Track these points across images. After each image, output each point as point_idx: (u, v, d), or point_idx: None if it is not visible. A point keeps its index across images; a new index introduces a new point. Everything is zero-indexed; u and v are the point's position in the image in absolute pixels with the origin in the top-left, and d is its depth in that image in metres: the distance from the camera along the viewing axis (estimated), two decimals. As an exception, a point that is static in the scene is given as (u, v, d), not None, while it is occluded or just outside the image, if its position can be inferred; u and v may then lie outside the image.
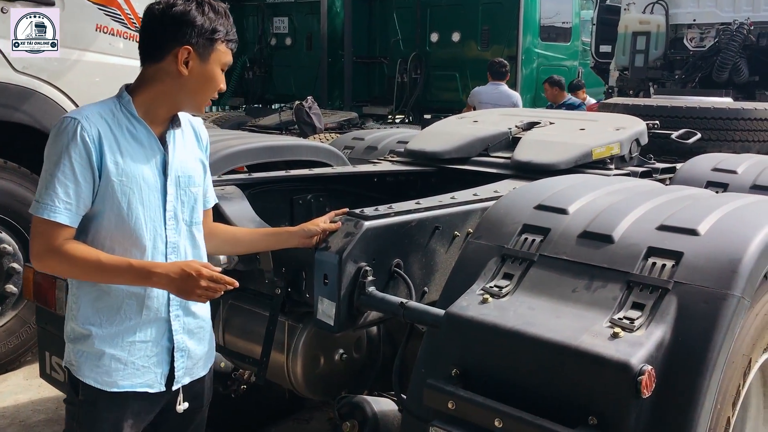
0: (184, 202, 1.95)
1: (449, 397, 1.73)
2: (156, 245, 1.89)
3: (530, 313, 1.75)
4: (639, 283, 1.73)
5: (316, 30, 12.20)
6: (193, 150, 2.02)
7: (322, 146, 3.63)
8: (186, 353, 1.97)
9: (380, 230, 2.14)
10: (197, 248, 2.01)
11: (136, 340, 1.88)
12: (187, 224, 1.97)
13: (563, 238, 1.92)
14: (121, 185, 1.82)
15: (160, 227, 1.89)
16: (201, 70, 1.86)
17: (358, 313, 2.09)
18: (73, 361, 1.91)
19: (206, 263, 1.84)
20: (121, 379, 1.88)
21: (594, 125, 3.49)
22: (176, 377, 1.95)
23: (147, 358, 1.90)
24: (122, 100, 1.87)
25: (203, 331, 2.04)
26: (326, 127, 8.27)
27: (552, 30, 11.45)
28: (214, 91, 1.92)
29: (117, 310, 1.87)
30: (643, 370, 1.53)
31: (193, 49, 1.83)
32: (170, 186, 1.91)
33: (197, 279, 1.75)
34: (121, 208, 1.83)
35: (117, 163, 1.82)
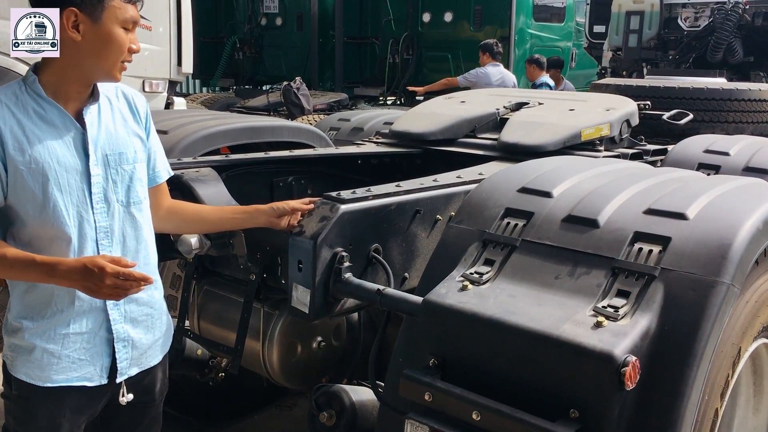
0: (116, 181, 1.82)
1: (426, 388, 1.66)
2: (83, 232, 1.76)
3: (511, 301, 1.68)
4: (624, 270, 1.65)
5: (306, 10, 12.01)
6: (125, 124, 1.88)
7: (304, 127, 3.53)
8: (129, 343, 1.87)
9: (357, 214, 2.06)
10: (138, 229, 1.88)
11: (69, 332, 1.78)
12: (123, 205, 1.84)
13: (547, 222, 1.84)
14: (31, 173, 1.70)
15: (86, 212, 1.77)
16: (95, 33, 1.70)
17: (334, 300, 2.01)
18: (8, 354, 1.82)
19: (116, 258, 1.69)
20: (54, 373, 1.78)
21: (583, 106, 3.40)
22: (120, 369, 1.85)
23: (83, 351, 1.80)
24: (27, 80, 1.75)
25: (151, 318, 1.93)
26: (315, 109, 8.15)
27: (546, 10, 11.31)
28: (119, 53, 1.75)
29: (48, 302, 1.77)
30: (626, 361, 1.46)
31: (80, 11, 1.69)
32: (95, 166, 1.78)
33: (101, 276, 1.63)
34: (36, 197, 1.71)
35: (23, 150, 1.69)
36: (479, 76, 7.68)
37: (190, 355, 2.60)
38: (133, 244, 1.87)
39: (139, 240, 1.88)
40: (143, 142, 1.92)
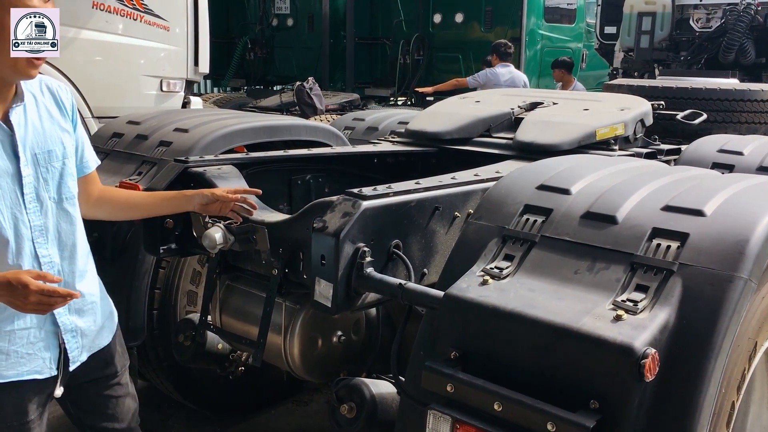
0: (46, 179, 1.82)
1: (448, 379, 1.69)
2: (19, 232, 1.76)
3: (531, 294, 1.71)
4: (643, 265, 1.68)
5: (318, 10, 12.07)
6: (52, 119, 1.86)
7: (322, 126, 3.58)
8: (78, 333, 1.91)
9: (379, 210, 2.09)
10: (73, 224, 1.89)
11: (15, 328, 1.79)
12: (56, 201, 1.85)
13: (565, 218, 1.87)
14: None
15: (20, 213, 1.76)
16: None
17: (356, 294, 2.05)
18: None
19: (42, 273, 1.70)
20: (4, 369, 1.80)
21: (598, 105, 3.43)
22: (71, 358, 1.89)
23: (30, 345, 1.82)
24: None
25: (95, 305, 1.97)
26: (327, 109, 8.20)
27: (556, 11, 11.32)
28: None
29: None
30: (646, 353, 1.49)
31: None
32: (25, 167, 1.77)
33: (25, 293, 1.62)
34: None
35: None
36: (488, 77, 7.71)
37: (211, 349, 2.64)
38: (70, 239, 1.89)
39: (74, 233, 1.89)
40: (71, 135, 1.91)
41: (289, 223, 2.23)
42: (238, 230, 2.25)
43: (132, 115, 3.34)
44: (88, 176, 2.02)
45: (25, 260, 1.78)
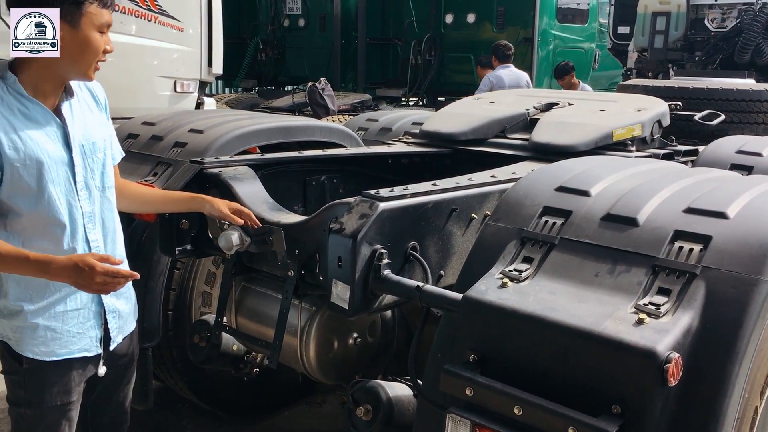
0: (93, 169, 1.97)
1: (467, 383, 1.67)
2: (73, 218, 1.91)
3: (551, 297, 1.69)
4: (665, 268, 1.66)
5: (329, 11, 12.07)
6: (93, 115, 2.01)
7: (336, 127, 3.57)
8: (117, 314, 2.06)
9: (396, 212, 2.08)
10: (113, 211, 2.04)
11: (67, 309, 1.94)
12: (100, 190, 1.99)
13: (585, 220, 1.85)
14: (26, 168, 1.82)
15: (74, 200, 1.91)
16: (74, 37, 1.81)
17: (373, 296, 2.04)
18: (10, 336, 1.95)
19: (105, 256, 1.82)
20: (58, 348, 1.94)
21: (615, 106, 3.40)
22: (112, 337, 2.05)
23: (80, 325, 1.97)
24: (7, 81, 1.84)
25: (128, 289, 2.12)
26: (339, 109, 8.20)
27: (569, 11, 11.28)
28: (95, 56, 1.86)
29: (45, 284, 1.90)
30: (669, 357, 1.47)
31: (60, 18, 1.78)
32: (76, 157, 1.92)
33: (91, 275, 1.75)
34: (31, 189, 1.83)
35: (17, 148, 1.81)
36: (492, 82, 7.66)
37: (227, 350, 2.64)
38: (112, 225, 2.04)
39: (115, 221, 2.05)
40: (106, 128, 2.06)
41: (306, 225, 2.23)
42: (255, 232, 2.25)
43: (147, 116, 3.34)
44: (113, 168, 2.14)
45: (78, 244, 1.92)
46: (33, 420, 1.98)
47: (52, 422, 1.98)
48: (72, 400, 2.00)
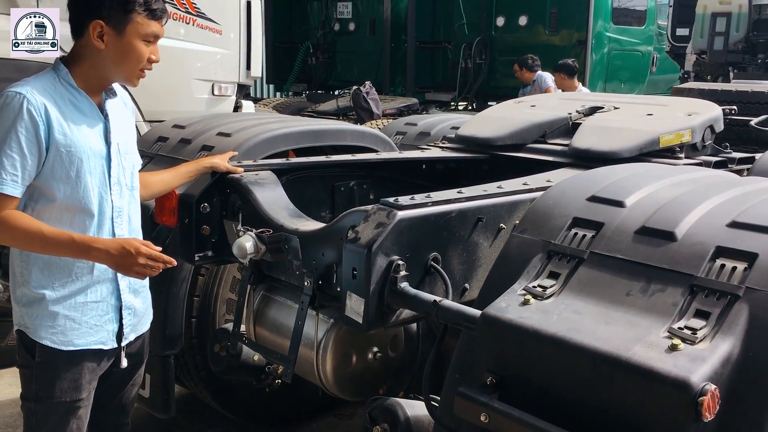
0: (125, 167, 2.04)
1: (482, 408, 1.56)
2: (103, 210, 1.97)
3: (577, 318, 1.56)
4: (704, 288, 1.51)
5: (379, 15, 12.01)
6: (125, 117, 2.10)
7: (368, 131, 3.47)
8: (132, 311, 2.10)
9: (415, 221, 1.97)
10: (138, 212, 2.11)
11: (87, 300, 1.99)
12: (129, 189, 2.07)
13: (618, 234, 1.71)
14: (69, 155, 1.89)
15: (105, 193, 1.98)
16: (118, 43, 1.90)
17: (389, 310, 1.93)
18: (27, 324, 1.98)
19: (146, 242, 1.90)
20: (76, 338, 1.98)
21: (663, 110, 3.21)
22: (125, 333, 2.08)
23: (99, 317, 2.01)
24: (60, 72, 1.93)
25: (145, 289, 2.17)
26: (385, 113, 8.11)
27: (625, 13, 10.93)
28: (138, 63, 1.94)
29: (69, 273, 1.96)
30: (705, 389, 1.32)
31: (106, 23, 1.88)
32: (113, 153, 1.99)
33: (135, 256, 1.84)
34: (69, 177, 1.90)
35: (65, 134, 1.88)
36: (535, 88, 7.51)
37: (247, 360, 2.56)
38: (136, 225, 2.12)
39: (138, 221, 2.13)
40: (134, 132, 2.17)
41: (323, 233, 2.13)
42: (270, 239, 2.16)
43: (178, 119, 3.31)
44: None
45: (104, 236, 1.99)
46: (42, 415, 2.01)
47: (60, 419, 2.00)
48: (81, 397, 2.01)
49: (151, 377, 2.78)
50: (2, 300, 3.84)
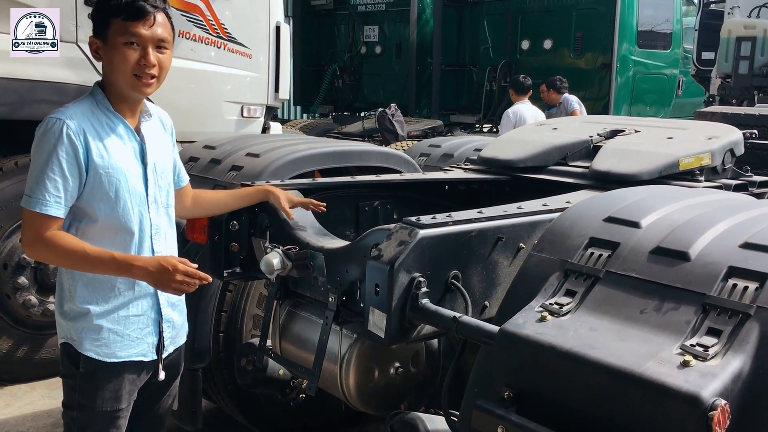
0: (161, 186, 2.13)
1: (499, 421, 1.60)
2: (143, 228, 2.06)
3: (592, 334, 1.60)
4: (716, 307, 1.54)
5: (405, 38, 12.18)
6: (162, 138, 2.19)
7: (392, 152, 3.55)
8: (171, 324, 2.18)
9: (436, 240, 2.03)
10: (173, 228, 2.19)
11: (129, 314, 2.07)
12: (165, 206, 2.15)
13: (633, 253, 1.75)
14: (108, 176, 1.98)
15: (144, 211, 2.07)
16: (106, 52, 1.96)
17: (411, 325, 1.99)
18: (74, 337, 2.06)
19: (183, 259, 1.95)
20: (118, 350, 2.06)
21: (683, 134, 3.25)
22: (164, 346, 2.15)
23: (140, 330, 2.09)
24: (97, 97, 2.02)
25: (181, 302, 2.25)
26: (410, 135, 8.21)
27: (651, 36, 10.95)
28: (126, 67, 1.95)
29: (111, 289, 2.04)
30: (715, 404, 1.35)
31: (96, 37, 1.96)
32: (150, 173, 2.08)
33: (173, 273, 1.90)
34: (109, 197, 1.99)
35: (102, 156, 1.97)
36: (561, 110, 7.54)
37: (272, 374, 2.63)
38: (171, 241, 2.19)
39: (173, 237, 2.20)
40: (172, 153, 2.24)
41: (347, 251, 2.20)
42: (296, 256, 2.24)
43: (209, 140, 3.42)
44: (184, 188, 2.36)
45: (144, 253, 2.07)
46: (83, 424, 2.09)
47: (100, 428, 2.08)
48: (121, 407, 2.09)
49: (180, 390, 2.86)
50: (36, 314, 3.97)
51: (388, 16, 12.66)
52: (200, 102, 4.33)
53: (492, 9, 11.65)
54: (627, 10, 10.28)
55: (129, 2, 1.94)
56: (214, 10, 4.37)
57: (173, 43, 2.07)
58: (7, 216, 3.84)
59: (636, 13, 10.39)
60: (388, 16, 12.66)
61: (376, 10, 12.81)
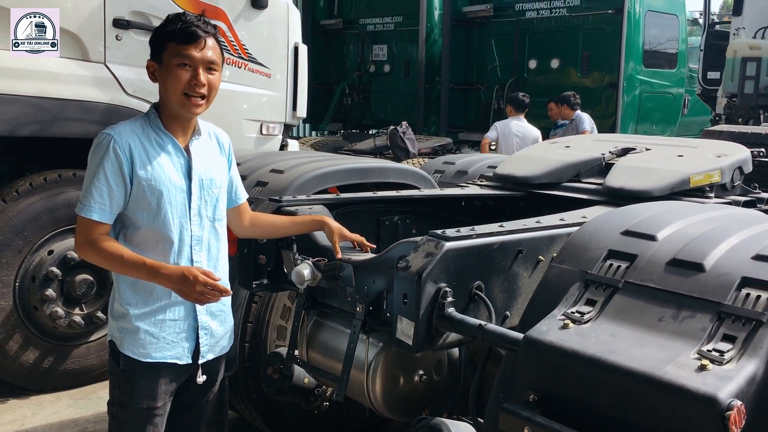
0: (207, 201, 2.24)
1: (525, 422, 1.69)
2: (182, 238, 2.19)
3: (612, 340, 1.70)
4: (731, 315, 1.64)
5: (414, 57, 12.33)
6: (215, 157, 2.31)
7: (411, 169, 3.66)
8: (209, 332, 2.27)
9: (461, 252, 2.13)
10: (219, 241, 2.30)
11: (166, 318, 2.19)
12: (211, 220, 2.26)
13: (650, 265, 1.85)
14: (150, 188, 2.13)
15: (185, 223, 2.19)
16: (161, 73, 2.13)
17: (437, 333, 2.09)
18: (116, 336, 2.20)
19: (207, 271, 2.08)
20: (154, 351, 2.17)
21: (693, 152, 3.35)
22: (201, 352, 2.25)
23: (176, 334, 2.20)
24: (150, 117, 2.20)
25: (224, 314, 2.34)
26: (420, 153, 8.32)
27: (657, 56, 11.08)
28: (178, 86, 2.11)
29: (150, 292, 2.17)
30: (731, 405, 1.44)
31: (153, 60, 2.15)
32: (194, 187, 2.21)
33: (194, 283, 2.02)
34: (151, 207, 2.13)
35: (146, 170, 2.12)
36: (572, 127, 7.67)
37: (298, 383, 2.72)
38: (216, 253, 2.29)
39: (219, 249, 2.30)
40: (226, 171, 2.35)
41: (375, 262, 2.30)
42: (326, 268, 2.35)
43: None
44: (241, 206, 2.47)
45: (182, 261, 2.19)
46: (122, 419, 2.21)
47: (137, 424, 2.20)
48: (157, 405, 2.20)
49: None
50: (62, 326, 4.08)
51: (397, 35, 12.82)
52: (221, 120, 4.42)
53: (500, 29, 11.80)
54: (633, 30, 10.41)
55: (183, 27, 2.10)
56: (235, 31, 4.52)
57: (222, 66, 2.21)
58: (36, 230, 3.96)
59: (642, 33, 10.52)
60: (397, 35, 12.82)
61: (385, 29, 12.98)
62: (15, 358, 4.00)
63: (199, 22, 2.13)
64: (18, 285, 3.98)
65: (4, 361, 3.98)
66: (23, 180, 3.98)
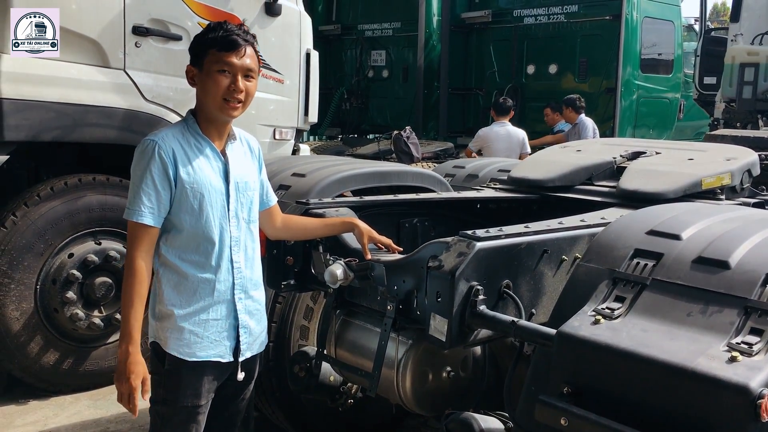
0: (243, 203, 2.32)
1: (562, 413, 1.77)
2: (223, 239, 2.26)
3: (644, 335, 1.77)
4: (757, 309, 1.72)
5: (412, 62, 12.42)
6: (248, 161, 2.39)
7: (427, 173, 3.75)
8: (248, 330, 2.34)
9: (491, 251, 2.21)
10: (254, 242, 2.38)
11: (209, 318, 2.26)
12: (246, 222, 2.34)
13: (677, 263, 1.93)
14: (192, 191, 2.21)
15: (225, 224, 2.27)
16: (201, 79, 2.21)
17: (469, 330, 2.16)
18: (161, 337, 2.26)
19: (145, 381, 2.16)
20: (198, 350, 2.24)
21: (703, 155, 3.45)
22: (241, 350, 2.32)
23: (218, 333, 2.28)
24: (188, 122, 2.27)
25: (260, 312, 2.41)
26: (423, 157, 8.40)
27: (653, 61, 11.22)
28: (218, 92, 2.18)
29: (193, 293, 2.24)
30: (763, 393, 1.52)
31: (193, 66, 2.23)
32: (232, 190, 2.29)
33: (124, 383, 2.12)
34: (193, 209, 2.21)
35: (189, 173, 2.20)
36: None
37: (324, 381, 2.79)
38: (251, 253, 2.36)
39: (255, 250, 2.38)
40: (257, 175, 2.43)
41: (405, 262, 2.38)
42: (358, 267, 2.42)
43: (252, 161, 3.58)
44: (272, 208, 2.54)
45: (223, 262, 2.26)
46: (166, 417, 2.27)
47: (181, 421, 2.26)
48: (201, 403, 2.27)
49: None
50: (82, 327, 4.13)
51: (395, 41, 12.90)
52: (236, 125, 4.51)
53: (498, 34, 11.90)
54: (630, 36, 10.54)
55: (225, 35, 2.18)
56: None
57: (258, 74, 2.28)
58: (57, 233, 4.01)
59: (639, 39, 10.66)
60: (395, 41, 12.90)
61: (383, 35, 13.07)
62: (36, 360, 4.05)
63: (239, 30, 2.21)
64: (39, 288, 4.03)
65: (26, 362, 4.03)
66: (44, 184, 4.04)
